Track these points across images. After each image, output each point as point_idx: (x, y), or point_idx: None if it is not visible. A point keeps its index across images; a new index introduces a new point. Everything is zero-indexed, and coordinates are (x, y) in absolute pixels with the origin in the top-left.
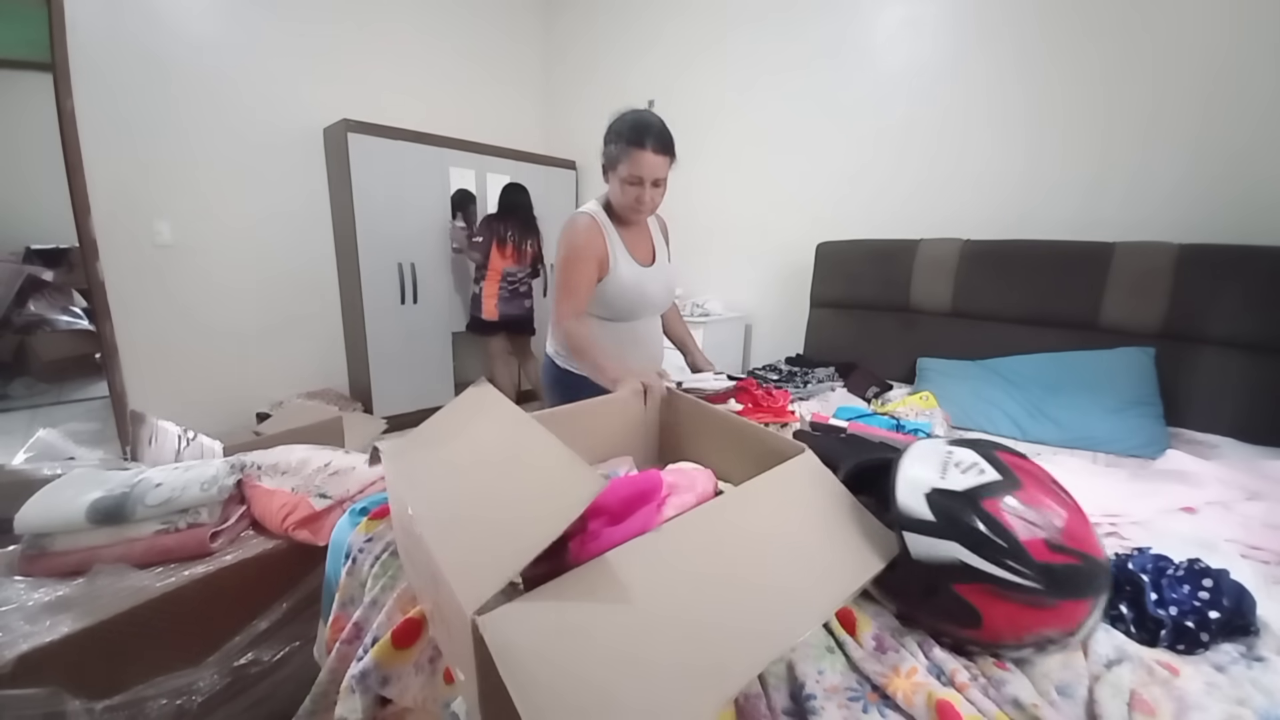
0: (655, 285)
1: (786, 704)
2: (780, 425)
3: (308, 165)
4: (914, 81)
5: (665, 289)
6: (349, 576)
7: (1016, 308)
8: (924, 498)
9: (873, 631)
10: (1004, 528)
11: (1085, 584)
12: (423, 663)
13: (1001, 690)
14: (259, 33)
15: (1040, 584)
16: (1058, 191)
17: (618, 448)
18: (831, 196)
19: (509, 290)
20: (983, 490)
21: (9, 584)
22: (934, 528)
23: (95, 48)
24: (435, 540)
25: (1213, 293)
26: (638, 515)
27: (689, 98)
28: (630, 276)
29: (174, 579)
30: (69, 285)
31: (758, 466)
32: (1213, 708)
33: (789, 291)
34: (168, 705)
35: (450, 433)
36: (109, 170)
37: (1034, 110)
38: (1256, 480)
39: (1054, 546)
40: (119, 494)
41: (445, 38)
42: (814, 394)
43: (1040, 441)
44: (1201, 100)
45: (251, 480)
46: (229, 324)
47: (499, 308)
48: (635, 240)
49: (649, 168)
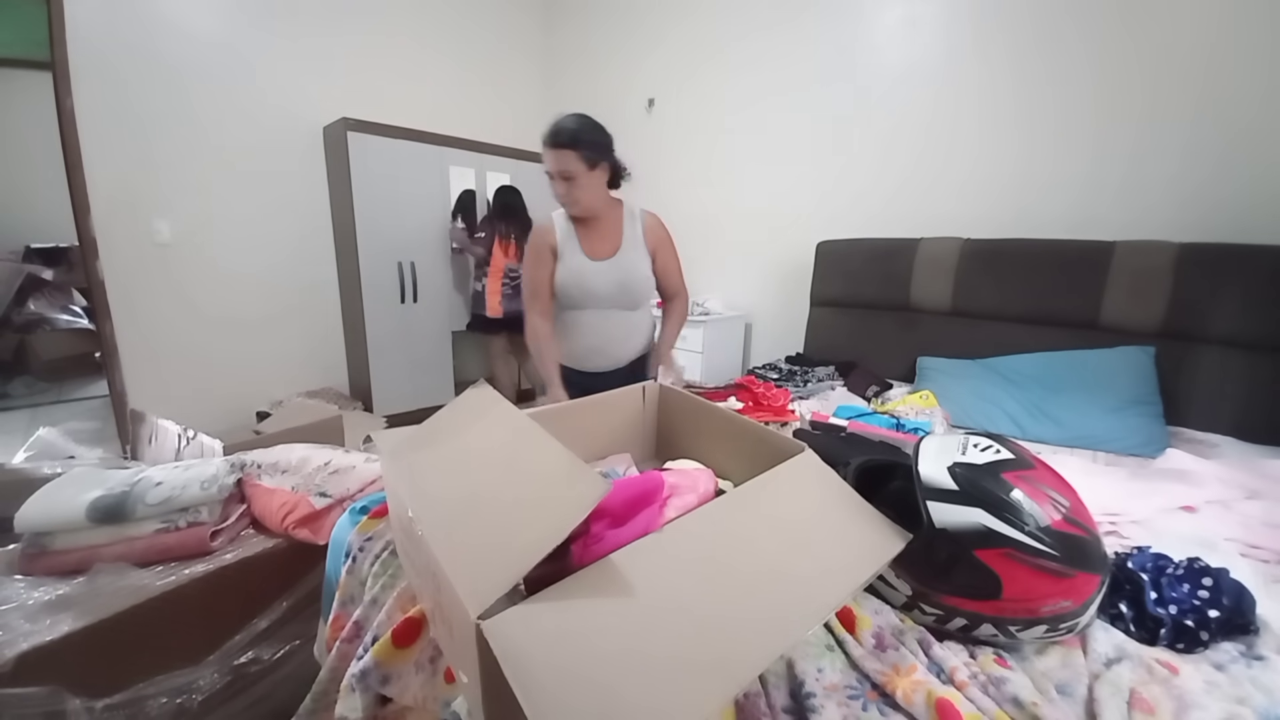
0: (600, 279)
1: (786, 702)
2: (780, 424)
3: (307, 164)
4: (914, 80)
5: (616, 284)
6: (349, 575)
7: (1017, 307)
8: (946, 470)
9: (872, 630)
10: (1024, 494)
11: (1096, 559)
12: (423, 662)
13: (1001, 688)
14: (258, 30)
15: (1058, 551)
16: (1057, 189)
17: (616, 445)
18: (831, 195)
19: (512, 288)
20: (1002, 464)
21: (9, 583)
22: (957, 496)
23: (95, 46)
24: (437, 542)
25: (1213, 292)
26: (640, 517)
27: (689, 96)
28: (572, 268)
29: (174, 578)
30: (69, 284)
31: (758, 465)
32: (1212, 706)
33: (789, 290)
34: (168, 704)
35: (450, 434)
36: (108, 169)
37: (1033, 108)
38: (1256, 479)
39: (1068, 519)
40: (119, 493)
41: (445, 37)
42: (814, 393)
43: (1040, 440)
44: (1197, 96)
45: (251, 479)
46: (229, 323)
47: (503, 305)
48: (594, 236)
49: (551, 161)
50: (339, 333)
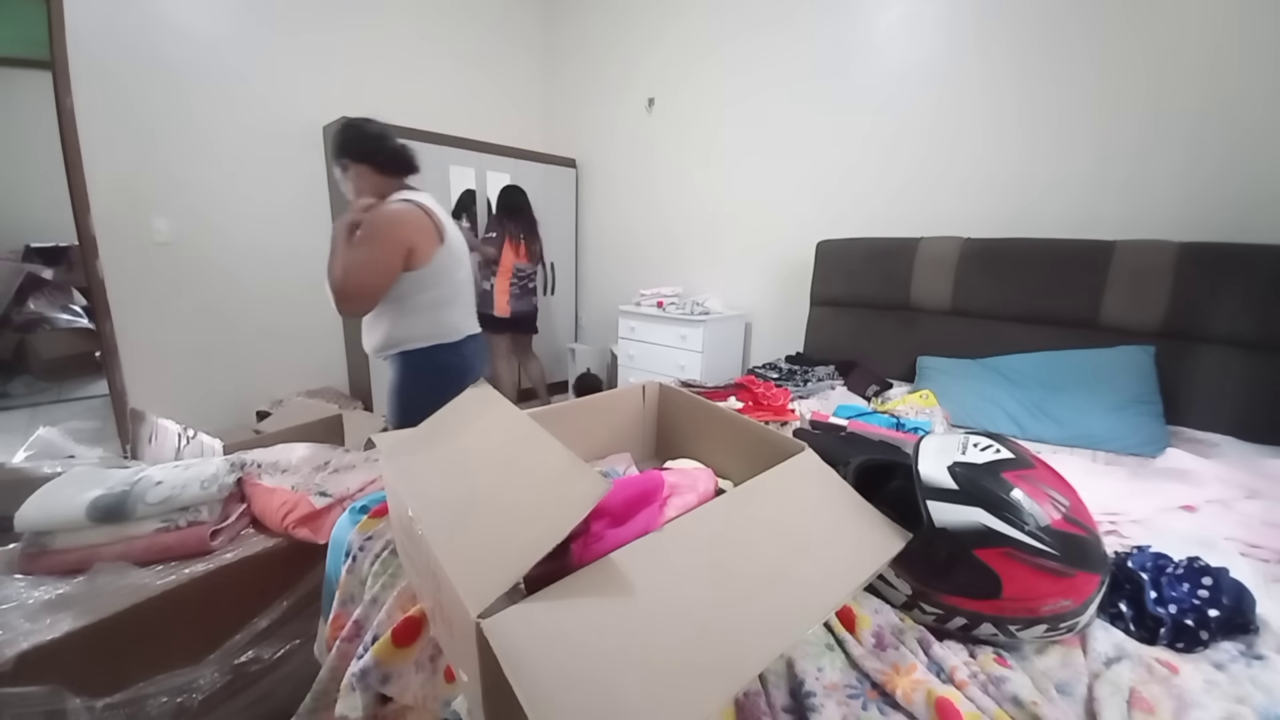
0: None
1: (786, 701)
2: (780, 423)
3: (307, 163)
4: (914, 79)
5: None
6: (349, 574)
7: (1017, 306)
8: (946, 469)
9: (872, 629)
10: (1024, 494)
11: (1096, 558)
12: (423, 661)
13: (1001, 688)
14: (258, 29)
15: (1058, 550)
16: (1058, 188)
17: (616, 444)
18: (831, 194)
19: (519, 287)
20: (1001, 464)
21: (9, 582)
22: (957, 495)
23: (94, 45)
24: (437, 541)
25: (1213, 291)
26: (640, 516)
27: (689, 95)
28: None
29: (174, 577)
30: (68, 283)
31: (757, 464)
32: (1212, 705)
33: (789, 290)
34: (168, 703)
35: (450, 433)
36: (108, 168)
37: (1032, 107)
38: (1256, 479)
39: (1068, 518)
40: (119, 492)
41: (445, 36)
42: (814, 392)
43: (1040, 440)
44: (1201, 95)
45: (251, 478)
46: (229, 322)
47: (511, 304)
48: None
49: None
50: (339, 332)
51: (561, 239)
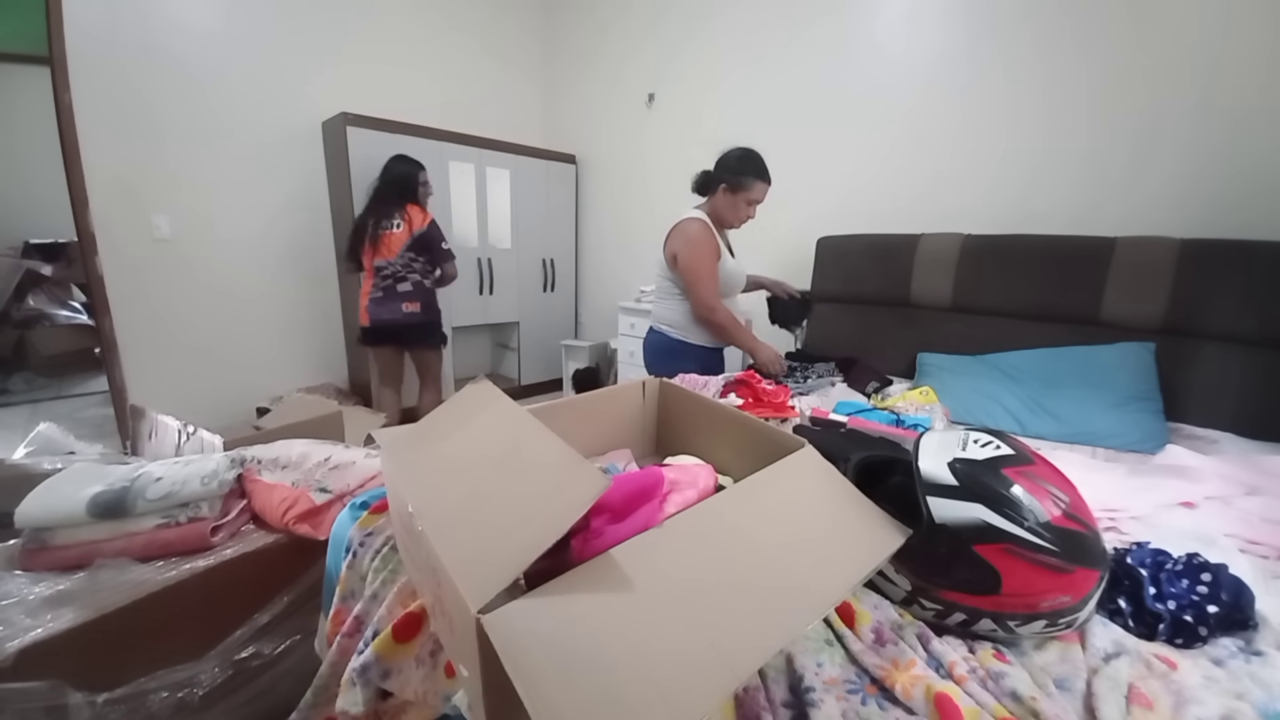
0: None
1: (785, 696)
2: (780, 420)
3: (306, 159)
4: (913, 76)
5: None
6: (349, 570)
7: (1017, 303)
8: (946, 465)
9: (872, 624)
10: (1024, 490)
11: (1095, 554)
12: (424, 656)
13: (1000, 683)
14: (257, 25)
15: (1058, 547)
16: (1057, 184)
17: (616, 441)
18: (832, 191)
19: (381, 290)
20: (1002, 460)
21: (10, 578)
22: (957, 491)
23: (93, 41)
24: (437, 537)
25: (1214, 288)
26: (640, 512)
27: (689, 93)
28: (730, 266)
29: (175, 573)
30: (68, 280)
31: (757, 461)
32: (1211, 701)
33: None
34: (169, 698)
35: (449, 429)
36: (107, 164)
37: (1033, 103)
38: (1256, 475)
39: (1068, 514)
40: (119, 488)
41: (445, 32)
42: (814, 389)
43: (1040, 436)
44: (1201, 91)
45: (252, 474)
46: (228, 318)
47: (370, 310)
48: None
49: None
50: (339, 328)
51: (561, 235)
